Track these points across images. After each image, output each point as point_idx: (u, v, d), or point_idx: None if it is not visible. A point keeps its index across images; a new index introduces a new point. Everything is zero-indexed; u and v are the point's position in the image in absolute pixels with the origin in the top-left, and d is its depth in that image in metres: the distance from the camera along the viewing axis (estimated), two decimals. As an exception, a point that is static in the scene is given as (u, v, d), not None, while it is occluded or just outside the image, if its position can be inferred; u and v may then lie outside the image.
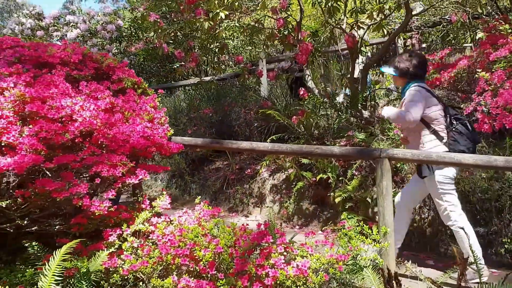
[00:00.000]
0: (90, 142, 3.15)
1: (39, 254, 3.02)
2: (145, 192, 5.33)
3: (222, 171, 6.21)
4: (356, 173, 4.86)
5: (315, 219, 5.10)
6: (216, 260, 2.74)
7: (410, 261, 3.38)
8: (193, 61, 6.35)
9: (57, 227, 3.19)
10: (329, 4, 5.20)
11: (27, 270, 2.81)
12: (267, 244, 2.71)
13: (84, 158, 2.96)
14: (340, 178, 4.84)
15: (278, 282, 2.49)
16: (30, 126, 2.91)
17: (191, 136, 6.00)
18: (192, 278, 2.60)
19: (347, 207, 4.58)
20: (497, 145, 4.23)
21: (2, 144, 2.77)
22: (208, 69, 9.26)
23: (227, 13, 4.65)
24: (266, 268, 2.54)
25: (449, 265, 3.44)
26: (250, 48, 8.87)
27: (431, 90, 3.73)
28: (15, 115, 2.94)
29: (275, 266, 2.55)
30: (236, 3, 4.73)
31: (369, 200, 4.50)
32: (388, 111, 3.66)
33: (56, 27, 9.85)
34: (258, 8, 5.40)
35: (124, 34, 9.67)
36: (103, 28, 9.65)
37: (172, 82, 9.25)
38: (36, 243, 3.04)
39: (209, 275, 2.65)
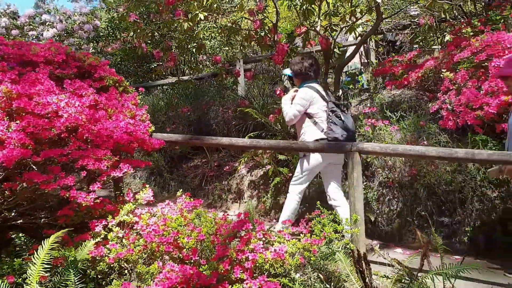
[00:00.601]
0: (76, 137, 3.27)
1: (25, 246, 3.14)
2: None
3: (201, 168, 6.37)
4: (330, 168, 5.08)
5: (291, 213, 5.29)
6: (199, 247, 2.91)
7: (378, 245, 3.61)
8: (171, 60, 6.49)
9: (42, 220, 3.30)
10: (304, 7, 5.41)
11: (15, 260, 2.91)
12: (247, 231, 2.89)
13: (70, 152, 3.09)
14: (315, 173, 5.05)
15: (257, 265, 2.68)
16: (17, 122, 3.02)
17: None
18: (176, 264, 2.75)
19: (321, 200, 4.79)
20: (460, 141, 4.52)
21: (-9, 138, 2.87)
22: (185, 68, 9.38)
23: (206, 14, 4.81)
24: (246, 253, 2.72)
25: (415, 253, 3.69)
26: (227, 48, 9.04)
27: (319, 90, 4.19)
28: (1, 111, 3.05)
29: (255, 251, 2.73)
30: (215, 5, 4.90)
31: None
32: (282, 103, 4.28)
33: (31, 26, 9.81)
34: (236, 9, 5.57)
35: (102, 34, 9.71)
36: (80, 28, 9.68)
37: (150, 81, 9.33)
38: (23, 235, 3.15)
39: (192, 261, 2.81)
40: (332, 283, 2.95)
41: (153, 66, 9.14)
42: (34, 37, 9.62)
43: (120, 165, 3.36)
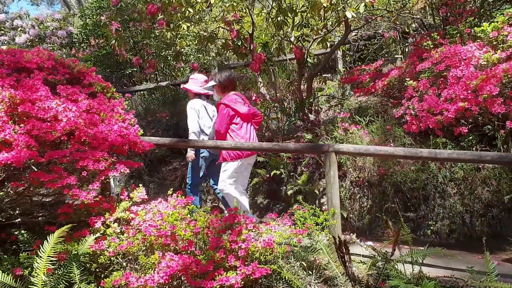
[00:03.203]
0: (74, 140, 3.48)
1: (27, 242, 3.33)
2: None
3: (180, 171, 6.61)
4: (305, 169, 5.45)
5: (269, 211, 5.62)
6: (194, 240, 3.19)
7: (354, 234, 3.99)
8: (150, 67, 6.72)
9: (41, 218, 3.49)
10: (279, 18, 5.78)
11: (20, 255, 3.10)
12: (238, 224, 3.19)
13: (71, 153, 3.31)
14: (291, 174, 5.41)
15: (249, 253, 2.98)
16: (21, 125, 3.21)
17: (150, 138, 6.34)
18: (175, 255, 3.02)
19: (298, 199, 5.14)
20: (423, 143, 4.97)
21: (-1, 141, 3.06)
22: (158, 75, 9.55)
23: (189, 25, 5.10)
24: (239, 243, 3.02)
25: (383, 245, 4.08)
26: (200, 55, 9.32)
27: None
28: (6, 115, 3.24)
29: (246, 241, 3.04)
30: (197, 16, 5.19)
31: (317, 192, 5.10)
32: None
33: (3, 31, 9.77)
34: (217, 20, 5.88)
35: (75, 39, 9.78)
36: (53, 33, 9.72)
37: (124, 87, 9.47)
38: (26, 232, 3.34)
39: (189, 252, 3.09)
40: (314, 271, 3.29)
41: (127, 72, 9.30)
42: (5, 42, 9.59)
43: (116, 166, 3.59)
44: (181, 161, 6.83)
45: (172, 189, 3.85)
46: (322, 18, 5.43)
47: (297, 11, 5.49)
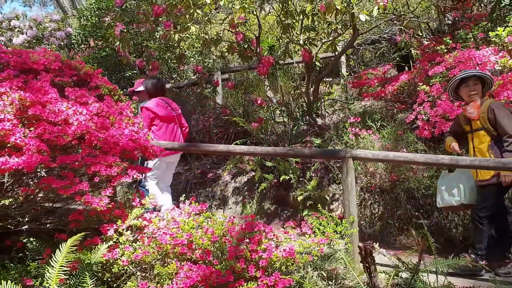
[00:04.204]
0: (85, 144, 3.36)
1: (36, 250, 3.20)
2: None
3: (183, 175, 6.48)
4: (313, 175, 5.36)
5: (276, 217, 5.53)
6: (211, 249, 3.07)
7: (378, 243, 3.88)
8: (154, 69, 6.60)
9: (51, 225, 3.36)
10: (286, 22, 5.69)
11: (30, 264, 2.97)
12: (258, 232, 3.08)
13: (83, 158, 3.18)
14: (300, 179, 5.31)
15: (271, 263, 2.87)
16: (31, 129, 3.08)
17: (153, 142, 6.22)
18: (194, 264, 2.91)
19: (307, 204, 5.05)
20: (436, 148, 4.90)
21: (9, 145, 2.93)
22: (168, 76, 9.40)
23: (197, 27, 4.99)
24: (259, 253, 2.91)
25: (398, 253, 3.99)
26: (200, 58, 9.21)
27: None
28: (15, 118, 3.11)
29: (267, 250, 2.93)
30: (206, 18, 5.09)
31: (327, 198, 5.01)
32: None
33: (0, 32, 9.61)
34: (224, 22, 5.78)
35: (74, 41, 9.63)
36: (51, 34, 9.56)
37: (123, 90, 9.32)
38: (35, 239, 3.21)
39: (206, 261, 2.97)
40: (333, 280, 3.19)
41: (127, 74, 9.17)
42: (2, 43, 9.40)
43: (128, 171, 3.47)
44: (184, 165, 6.71)
45: (184, 195, 3.74)
46: (335, 20, 5.35)
47: (309, 14, 5.39)
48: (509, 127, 3.52)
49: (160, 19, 5.97)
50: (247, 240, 3.13)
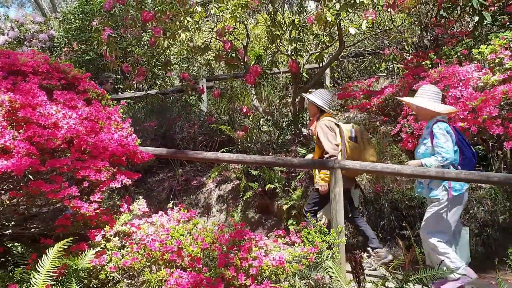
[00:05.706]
0: (74, 148, 3.32)
1: (22, 256, 3.13)
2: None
3: (167, 182, 6.44)
4: (298, 184, 5.39)
5: (260, 226, 5.54)
6: (201, 256, 3.06)
7: (366, 253, 3.93)
8: (140, 75, 6.57)
9: (37, 229, 3.30)
10: (276, 33, 5.75)
11: (15, 269, 2.91)
12: (248, 240, 3.09)
13: (72, 162, 3.14)
14: (286, 189, 5.34)
15: (261, 271, 2.88)
16: (20, 131, 3.03)
17: (137, 148, 6.17)
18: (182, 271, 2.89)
19: (292, 214, 5.08)
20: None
21: (-3, 147, 2.87)
22: (145, 83, 9.34)
23: (188, 34, 5.00)
24: (250, 261, 2.92)
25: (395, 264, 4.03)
26: (186, 65, 9.21)
27: None
28: (4, 120, 3.05)
29: (258, 258, 2.94)
30: (196, 25, 5.10)
31: (312, 208, 5.03)
32: None
33: (-20, 32, 9.43)
34: (213, 31, 5.80)
35: (57, 44, 9.51)
36: (33, 36, 9.43)
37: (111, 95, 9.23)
38: (20, 244, 3.14)
39: (196, 269, 2.96)
40: (321, 289, 3.21)
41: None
42: (-17, 44, 9.23)
43: (116, 176, 3.44)
44: (167, 172, 6.67)
45: (173, 202, 3.72)
46: (324, 33, 5.43)
47: (298, 25, 5.47)
48: None
49: (148, 25, 5.96)
50: (236, 248, 3.14)
